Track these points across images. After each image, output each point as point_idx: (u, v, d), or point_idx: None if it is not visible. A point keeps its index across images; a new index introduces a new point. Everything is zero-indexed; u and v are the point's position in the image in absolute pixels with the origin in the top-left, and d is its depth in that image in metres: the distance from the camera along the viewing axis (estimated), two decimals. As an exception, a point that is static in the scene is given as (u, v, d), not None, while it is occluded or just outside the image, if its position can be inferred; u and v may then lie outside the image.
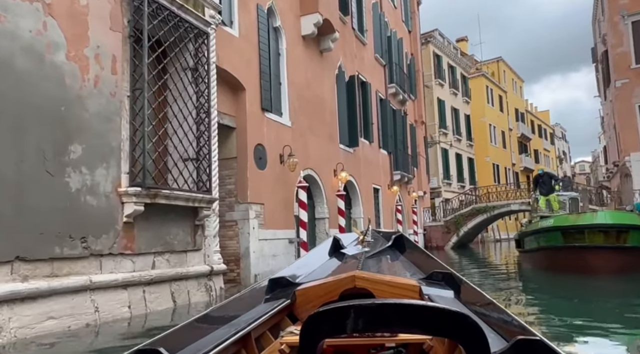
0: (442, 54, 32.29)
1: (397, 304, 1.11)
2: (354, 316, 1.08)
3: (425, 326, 1.09)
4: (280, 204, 10.66)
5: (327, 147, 13.43)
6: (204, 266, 7.01)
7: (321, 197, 12.97)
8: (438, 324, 1.08)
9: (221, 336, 1.49)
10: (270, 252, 10.05)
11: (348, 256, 2.70)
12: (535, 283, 8.91)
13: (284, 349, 1.69)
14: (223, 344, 1.44)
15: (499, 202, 23.94)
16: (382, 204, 18.12)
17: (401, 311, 1.09)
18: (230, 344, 1.49)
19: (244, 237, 9.47)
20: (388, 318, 1.09)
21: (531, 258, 9.88)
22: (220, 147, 9.40)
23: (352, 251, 2.81)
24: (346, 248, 2.88)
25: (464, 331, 1.06)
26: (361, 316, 1.08)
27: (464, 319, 1.06)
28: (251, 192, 9.58)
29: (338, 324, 1.09)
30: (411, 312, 1.09)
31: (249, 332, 1.65)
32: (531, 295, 7.53)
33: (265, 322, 1.80)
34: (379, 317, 1.09)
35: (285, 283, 2.17)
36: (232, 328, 1.59)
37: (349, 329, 1.09)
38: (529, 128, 49.93)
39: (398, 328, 1.17)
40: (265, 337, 1.85)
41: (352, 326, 1.08)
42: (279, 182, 10.66)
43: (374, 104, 17.91)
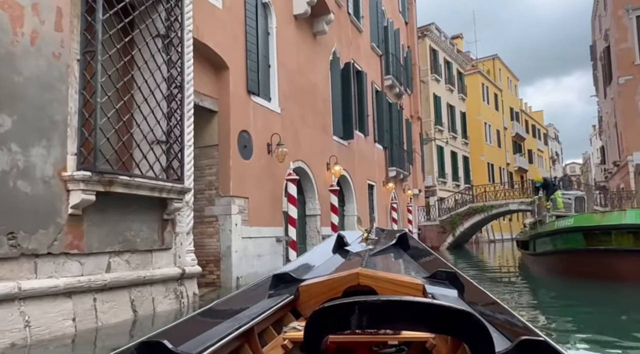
0: (438, 49, 31.38)
1: (402, 301, 1.10)
2: (358, 312, 1.08)
3: (430, 323, 1.10)
4: (267, 198, 9.61)
5: (319, 138, 12.38)
6: (174, 269, 5.93)
7: (312, 192, 11.92)
8: (443, 322, 1.07)
9: (224, 331, 1.50)
10: (254, 251, 8.99)
11: (352, 254, 2.68)
12: (553, 290, 7.94)
13: (287, 344, 1.72)
14: (226, 338, 1.45)
15: (497, 202, 23.08)
16: (377, 201, 17.12)
17: (406, 308, 1.09)
18: (234, 339, 1.51)
19: (225, 234, 8.39)
20: (392, 314, 1.09)
21: (545, 262, 8.94)
22: (200, 132, 8.32)
23: (356, 248, 2.78)
24: (350, 245, 2.86)
25: (468, 330, 1.05)
26: (366, 313, 1.09)
27: (469, 318, 1.06)
28: (234, 185, 8.51)
29: (342, 320, 1.10)
30: (416, 309, 1.09)
31: (252, 327, 1.67)
32: (552, 305, 6.56)
33: (268, 317, 1.80)
34: (383, 314, 1.09)
35: (288, 278, 2.18)
36: (235, 323, 1.60)
37: (353, 326, 1.10)
38: (523, 128, 49.30)
39: (402, 325, 1.20)
40: (269, 332, 1.86)
41: (357, 322, 1.09)
42: (265, 174, 9.59)
43: (370, 95, 16.90)
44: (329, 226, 12.00)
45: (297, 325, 1.84)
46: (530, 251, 10.38)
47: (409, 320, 1.11)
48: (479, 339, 1.06)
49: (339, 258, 2.69)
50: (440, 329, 1.19)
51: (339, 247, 2.87)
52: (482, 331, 1.05)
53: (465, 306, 1.49)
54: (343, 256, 2.70)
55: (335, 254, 2.78)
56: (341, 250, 2.82)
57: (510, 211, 23.25)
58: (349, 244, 2.90)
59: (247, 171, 8.96)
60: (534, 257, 9.75)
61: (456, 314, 1.07)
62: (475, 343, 1.07)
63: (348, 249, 2.81)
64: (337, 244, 2.90)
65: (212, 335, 1.44)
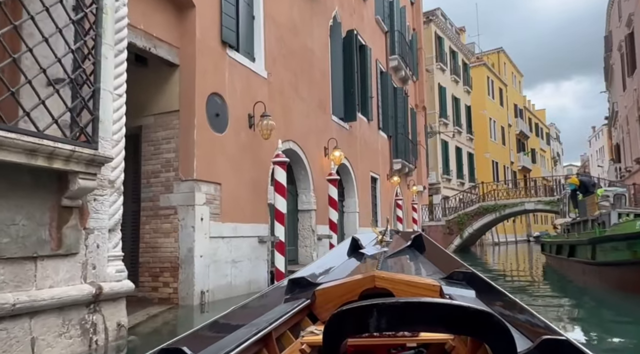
0: (444, 36, 29.21)
1: (421, 303, 1.10)
2: (377, 314, 1.07)
3: (449, 324, 1.08)
4: (247, 186, 7.35)
5: (316, 116, 10.14)
6: (81, 287, 3.66)
7: (306, 182, 9.68)
8: (462, 323, 1.06)
9: (242, 336, 1.50)
10: (228, 256, 6.73)
11: (367, 256, 2.66)
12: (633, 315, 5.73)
13: (305, 349, 1.72)
14: (244, 344, 1.45)
15: (510, 201, 20.89)
16: (381, 197, 14.91)
17: (425, 310, 1.08)
18: (252, 344, 1.51)
19: (185, 233, 6.13)
20: (411, 316, 1.09)
21: (613, 274, 6.76)
22: (155, 94, 6.08)
23: (371, 251, 2.77)
24: (365, 248, 2.84)
25: (488, 330, 1.05)
26: (385, 315, 1.08)
27: (489, 318, 1.05)
28: (200, 165, 6.25)
29: (361, 323, 1.09)
30: (435, 311, 1.08)
31: (270, 332, 1.66)
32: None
33: (285, 322, 1.81)
34: (402, 316, 1.09)
35: (304, 283, 2.18)
36: (253, 328, 1.60)
37: (372, 328, 1.09)
38: (527, 125, 47.33)
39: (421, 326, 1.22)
40: (286, 337, 1.86)
41: (376, 324, 1.08)
42: (245, 153, 7.34)
43: (374, 74, 14.69)
44: (327, 223, 9.77)
45: (314, 329, 1.84)
46: (583, 258, 8.18)
47: (428, 322, 1.09)
48: (500, 340, 1.04)
49: (354, 261, 2.67)
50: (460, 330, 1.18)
51: (354, 250, 2.85)
52: (502, 331, 1.04)
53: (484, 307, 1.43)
54: (358, 259, 2.68)
55: (350, 257, 2.75)
56: (356, 253, 2.80)
57: (526, 210, 21.12)
58: (364, 247, 2.86)
59: (220, 148, 6.70)
60: (592, 266, 7.58)
61: (476, 315, 1.05)
62: (496, 343, 1.05)
63: (363, 252, 2.78)
64: (352, 247, 2.87)
65: (231, 341, 1.44)
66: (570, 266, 9.57)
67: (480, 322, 1.04)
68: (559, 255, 10.70)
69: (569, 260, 9.52)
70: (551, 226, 40.53)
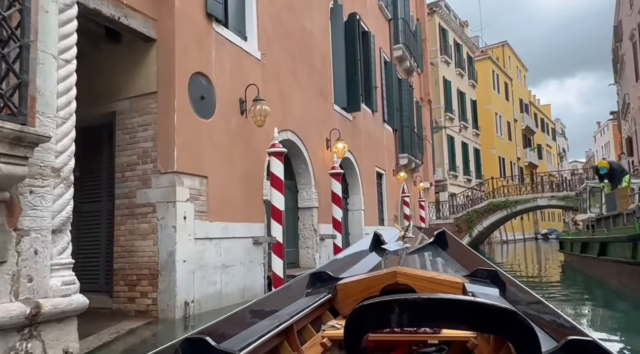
0: (448, 29, 28.29)
1: (443, 299, 1.08)
2: (398, 310, 1.07)
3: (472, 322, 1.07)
4: (239, 179, 6.48)
5: (316, 104, 9.26)
6: (9, 306, 2.78)
7: (307, 176, 8.80)
8: (485, 321, 1.05)
9: (264, 328, 1.51)
10: (217, 260, 5.85)
11: (389, 252, 2.65)
12: None
13: (326, 342, 1.75)
14: (266, 336, 1.46)
15: (522, 197, 19.94)
16: (387, 194, 14.02)
17: (447, 307, 1.06)
18: (273, 336, 1.52)
19: (166, 234, 5.25)
20: (433, 313, 1.07)
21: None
22: (129, 74, 5.23)
23: (393, 247, 2.76)
24: (387, 244, 2.83)
25: (512, 329, 1.03)
26: (406, 311, 1.07)
27: (513, 316, 1.03)
28: (182, 155, 5.38)
29: (382, 318, 1.09)
30: (457, 308, 1.07)
31: (292, 325, 1.67)
32: None
33: (307, 315, 1.81)
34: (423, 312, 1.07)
35: (326, 277, 2.17)
36: (275, 320, 1.60)
37: (393, 324, 1.09)
38: (533, 121, 46.34)
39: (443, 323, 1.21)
40: (307, 330, 1.87)
41: (397, 320, 1.07)
42: (236, 143, 6.47)
43: (378, 63, 13.80)
44: (330, 222, 8.89)
45: (335, 323, 1.84)
46: (619, 257, 7.26)
47: (450, 319, 1.08)
48: (524, 339, 1.02)
49: (375, 257, 2.65)
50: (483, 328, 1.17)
51: (376, 245, 2.82)
52: (527, 330, 1.02)
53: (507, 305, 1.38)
54: (380, 255, 2.67)
55: (372, 253, 2.73)
56: (378, 249, 2.78)
57: (539, 207, 20.16)
58: (386, 243, 2.85)
59: (206, 136, 5.83)
60: (632, 266, 6.67)
61: (499, 313, 1.04)
62: (520, 342, 1.03)
63: (385, 247, 2.76)
64: (374, 242, 2.85)
65: (253, 332, 1.45)
66: (599, 266, 8.66)
67: (504, 320, 1.02)
68: (584, 254, 9.78)
69: (597, 259, 8.61)
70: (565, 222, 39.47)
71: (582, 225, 11.55)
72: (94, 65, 5.51)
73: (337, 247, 8.90)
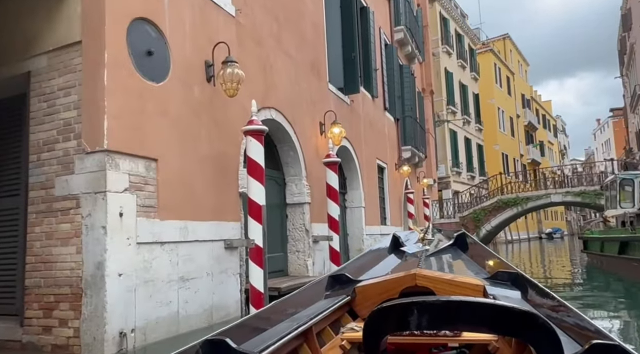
0: (449, 18, 26.89)
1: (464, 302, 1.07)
2: (417, 312, 1.05)
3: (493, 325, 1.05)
4: (205, 165, 4.98)
5: (308, 81, 7.79)
6: None
7: (297, 166, 7.32)
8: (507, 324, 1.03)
9: (284, 330, 1.51)
10: (172, 272, 4.35)
11: (408, 254, 2.62)
12: None
13: (345, 345, 1.75)
14: (286, 338, 1.46)
15: (534, 193, 18.49)
16: (389, 189, 12.56)
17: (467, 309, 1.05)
18: (293, 339, 1.52)
19: (93, 237, 3.75)
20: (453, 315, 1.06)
21: None
22: (45, 19, 3.77)
23: (412, 249, 2.72)
24: (406, 246, 2.81)
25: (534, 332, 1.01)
26: (426, 313, 1.05)
27: (535, 319, 1.01)
28: (117, 129, 3.88)
29: (401, 320, 1.08)
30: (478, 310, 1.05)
31: (311, 327, 1.67)
32: None
33: (326, 318, 1.82)
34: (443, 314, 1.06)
35: (344, 279, 2.17)
36: (294, 323, 1.61)
37: (412, 326, 1.07)
38: (535, 117, 45.02)
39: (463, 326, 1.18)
40: (326, 332, 1.87)
41: (416, 323, 1.06)
42: (201, 117, 4.97)
43: (378, 44, 12.34)
44: (325, 221, 7.41)
45: (354, 326, 1.84)
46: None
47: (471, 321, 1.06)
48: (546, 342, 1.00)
49: (394, 259, 2.63)
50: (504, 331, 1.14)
51: (395, 248, 2.81)
52: (549, 334, 1.00)
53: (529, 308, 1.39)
54: (399, 257, 2.64)
55: (390, 255, 2.71)
56: (397, 251, 2.77)
57: (553, 203, 18.73)
58: (405, 245, 2.83)
59: (157, 105, 4.33)
60: None
61: (520, 316, 1.02)
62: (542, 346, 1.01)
63: (404, 249, 2.74)
64: (393, 244, 2.84)
65: (272, 334, 1.46)
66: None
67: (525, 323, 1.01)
68: (624, 255, 8.33)
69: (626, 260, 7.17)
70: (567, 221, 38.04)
71: (613, 222, 10.11)
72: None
73: (334, 251, 7.44)
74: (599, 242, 10.20)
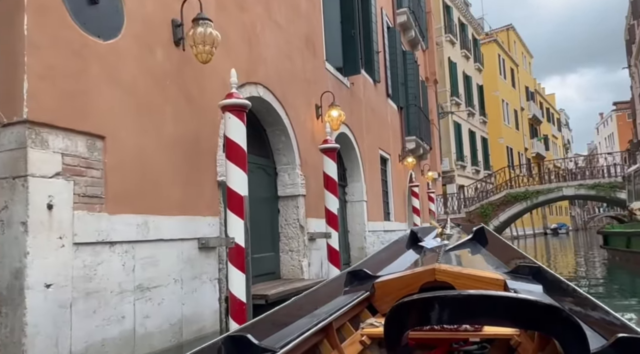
0: (452, 5, 25.90)
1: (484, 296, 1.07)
2: (438, 307, 1.05)
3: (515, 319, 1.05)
4: (173, 148, 4.06)
5: (302, 57, 6.86)
6: None
7: (290, 153, 6.40)
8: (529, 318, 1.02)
9: (304, 326, 1.52)
10: (125, 280, 3.43)
11: (427, 249, 2.61)
12: None
13: (365, 340, 1.78)
14: (306, 333, 1.47)
15: (545, 186, 17.55)
16: (392, 183, 11.64)
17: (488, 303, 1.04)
18: (313, 334, 1.52)
19: (10, 237, 2.83)
20: (474, 310, 1.05)
21: None
22: None
23: (430, 244, 2.71)
24: (424, 241, 2.79)
25: (558, 326, 0.99)
26: (446, 308, 1.05)
27: (558, 313, 1.00)
28: (45, 94, 2.96)
29: (422, 315, 1.09)
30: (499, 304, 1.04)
31: (330, 322, 1.67)
32: None
33: (345, 313, 1.82)
34: (464, 309, 1.06)
35: (363, 275, 2.16)
36: (314, 318, 1.61)
37: (433, 321, 1.10)
38: (539, 110, 44.04)
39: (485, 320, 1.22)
40: (346, 328, 1.88)
41: (437, 317, 1.06)
42: (166, 87, 4.04)
43: (380, 26, 11.40)
44: (322, 216, 6.49)
45: (374, 321, 1.85)
46: None
47: (492, 315, 1.04)
48: (571, 336, 0.98)
49: (413, 254, 2.63)
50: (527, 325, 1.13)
51: (413, 243, 2.80)
52: (573, 327, 0.98)
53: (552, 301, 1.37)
54: (417, 252, 2.63)
55: (409, 250, 2.71)
56: (415, 246, 2.75)
57: (565, 197, 17.79)
58: (423, 240, 2.81)
59: (103, 69, 3.41)
60: None
61: (543, 309, 1.00)
62: (567, 339, 1.00)
63: (422, 245, 2.72)
64: (411, 240, 2.82)
65: (293, 330, 1.46)
66: None
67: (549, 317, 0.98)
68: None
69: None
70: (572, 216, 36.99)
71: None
72: None
73: (332, 249, 6.50)
74: (625, 237, 9.26)
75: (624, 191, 14.85)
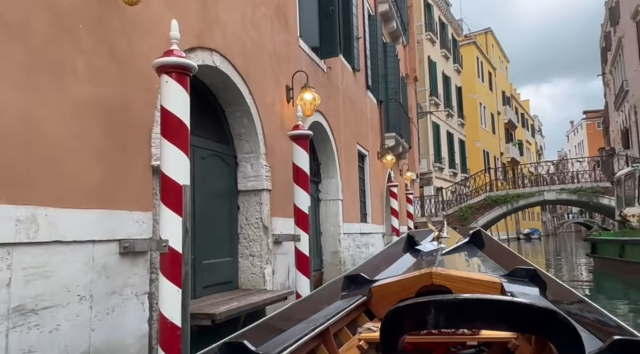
0: (433, 4, 25.31)
1: (481, 300, 1.03)
2: (435, 311, 1.02)
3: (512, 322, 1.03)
4: (83, 116, 2.99)
5: (270, 28, 5.85)
6: None
7: (253, 139, 5.38)
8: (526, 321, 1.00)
9: (301, 331, 1.50)
10: (1, 302, 2.36)
11: (424, 253, 2.59)
12: None
13: (362, 345, 1.75)
14: (303, 339, 1.45)
15: (526, 190, 17.00)
16: (371, 181, 10.74)
17: (485, 307, 1.02)
18: (310, 340, 1.50)
19: None
20: (471, 313, 1.02)
21: None
22: None
23: (427, 247, 2.69)
24: (421, 245, 2.77)
25: (554, 329, 0.99)
26: (443, 312, 1.02)
27: (554, 316, 0.98)
28: None
29: (419, 319, 1.05)
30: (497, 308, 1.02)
31: (327, 328, 1.65)
32: None
33: (343, 318, 1.79)
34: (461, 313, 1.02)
35: (360, 279, 2.14)
36: (311, 324, 1.59)
37: (430, 325, 1.05)
38: (515, 115, 44.16)
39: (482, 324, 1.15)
40: (344, 333, 1.85)
41: (434, 321, 1.03)
42: (73, 34, 2.97)
43: (360, 10, 10.49)
44: (290, 216, 5.46)
45: (371, 326, 1.82)
46: None
47: (489, 319, 1.02)
48: (567, 339, 0.98)
49: (410, 258, 2.59)
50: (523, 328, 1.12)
51: (410, 246, 2.76)
52: (569, 330, 0.97)
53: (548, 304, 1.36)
54: (414, 256, 2.60)
55: (406, 254, 2.66)
56: (412, 250, 2.71)
57: (546, 201, 17.28)
58: (420, 244, 2.78)
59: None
60: None
61: (540, 313, 0.99)
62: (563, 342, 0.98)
63: (419, 248, 2.70)
64: (408, 243, 2.79)
65: (290, 336, 1.44)
66: None
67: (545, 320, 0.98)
68: None
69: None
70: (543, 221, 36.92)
71: (635, 221, 8.52)
72: None
73: (301, 255, 5.46)
74: (618, 245, 8.58)
75: (606, 196, 14.38)
